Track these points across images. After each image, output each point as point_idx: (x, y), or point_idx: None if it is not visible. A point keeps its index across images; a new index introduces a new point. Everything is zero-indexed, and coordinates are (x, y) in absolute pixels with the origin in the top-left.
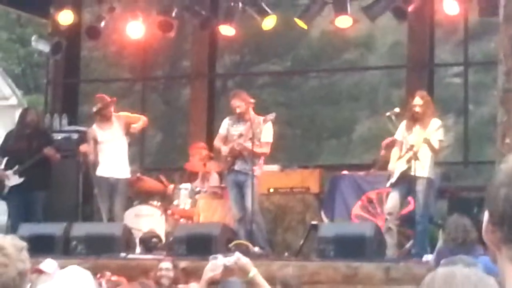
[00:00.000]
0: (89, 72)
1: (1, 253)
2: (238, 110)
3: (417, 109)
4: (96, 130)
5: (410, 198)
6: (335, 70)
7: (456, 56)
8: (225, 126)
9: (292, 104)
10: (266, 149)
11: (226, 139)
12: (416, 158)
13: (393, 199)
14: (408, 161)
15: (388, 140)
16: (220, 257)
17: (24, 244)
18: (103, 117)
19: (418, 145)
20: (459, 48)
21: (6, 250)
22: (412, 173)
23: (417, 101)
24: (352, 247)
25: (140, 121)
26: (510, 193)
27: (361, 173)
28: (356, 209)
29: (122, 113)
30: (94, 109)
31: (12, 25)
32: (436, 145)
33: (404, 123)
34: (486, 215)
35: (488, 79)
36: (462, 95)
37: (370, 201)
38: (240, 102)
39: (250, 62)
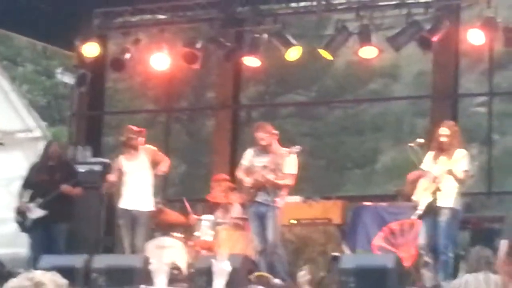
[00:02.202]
0: (113, 104)
1: None
2: (262, 143)
3: (443, 139)
4: (122, 160)
5: None
6: (359, 100)
7: (481, 85)
8: (248, 157)
9: (316, 134)
10: (290, 181)
11: (249, 171)
12: (440, 190)
13: (423, 233)
14: (434, 193)
15: (414, 175)
16: None
17: (65, 281)
18: (130, 147)
19: (442, 176)
20: (484, 77)
21: (46, 286)
22: (437, 205)
23: (443, 131)
24: (373, 279)
25: (165, 163)
26: None
27: (384, 204)
28: (378, 240)
29: (150, 147)
30: (122, 139)
31: (38, 57)
32: (461, 175)
33: (430, 154)
34: (503, 246)
35: None
36: (486, 124)
37: (392, 232)
38: (264, 134)
39: (274, 93)
